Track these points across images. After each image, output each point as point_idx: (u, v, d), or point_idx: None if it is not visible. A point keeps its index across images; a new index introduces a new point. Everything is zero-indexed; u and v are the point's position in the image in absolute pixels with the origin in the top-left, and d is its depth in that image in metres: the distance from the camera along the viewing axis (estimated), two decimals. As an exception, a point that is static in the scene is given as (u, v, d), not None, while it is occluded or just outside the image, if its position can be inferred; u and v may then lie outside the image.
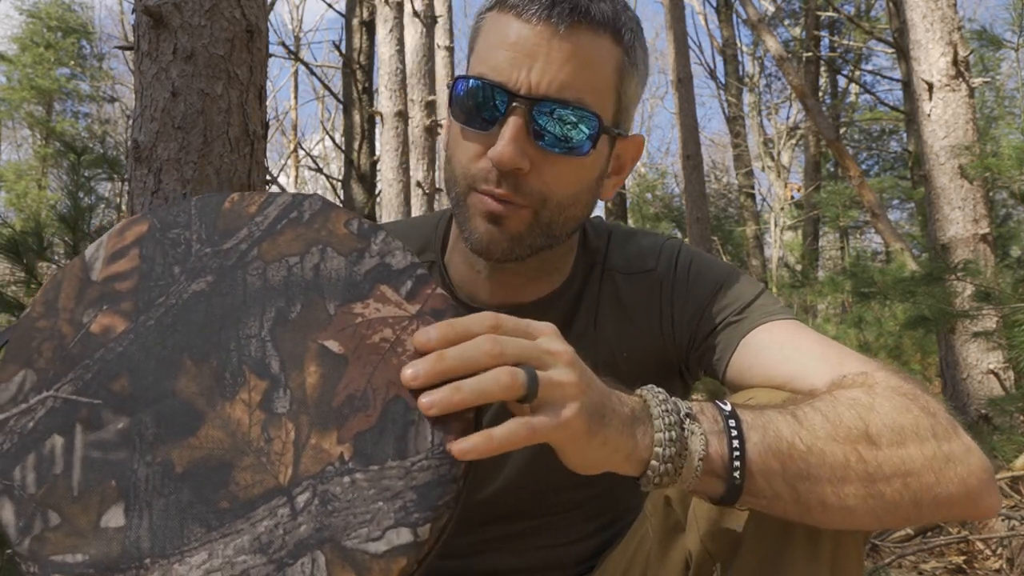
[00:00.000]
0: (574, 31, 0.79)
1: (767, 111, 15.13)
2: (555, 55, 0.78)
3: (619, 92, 0.84)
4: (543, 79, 0.78)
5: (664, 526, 0.84)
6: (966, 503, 0.70)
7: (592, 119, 0.80)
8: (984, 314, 3.57)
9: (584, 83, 0.80)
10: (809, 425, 0.66)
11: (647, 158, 22.49)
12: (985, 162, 3.76)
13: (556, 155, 0.81)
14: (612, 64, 0.82)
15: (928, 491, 0.67)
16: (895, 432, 0.68)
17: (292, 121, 17.70)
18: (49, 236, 2.98)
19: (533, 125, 0.79)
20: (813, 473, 0.65)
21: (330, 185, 12.53)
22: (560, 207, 0.83)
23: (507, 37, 0.80)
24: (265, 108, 2.12)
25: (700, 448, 0.63)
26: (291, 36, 17.40)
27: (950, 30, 4.07)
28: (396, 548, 0.53)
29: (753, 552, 0.73)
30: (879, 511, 0.67)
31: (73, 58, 18.10)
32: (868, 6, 13.18)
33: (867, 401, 0.70)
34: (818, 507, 0.66)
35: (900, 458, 0.67)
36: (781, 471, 0.64)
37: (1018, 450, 3.01)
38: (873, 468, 0.66)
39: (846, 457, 0.66)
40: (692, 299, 0.92)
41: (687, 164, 7.52)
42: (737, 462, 0.63)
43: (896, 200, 12.52)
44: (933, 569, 2.44)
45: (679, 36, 7.53)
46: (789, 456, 0.65)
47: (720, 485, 0.64)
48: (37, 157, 17.41)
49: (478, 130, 0.82)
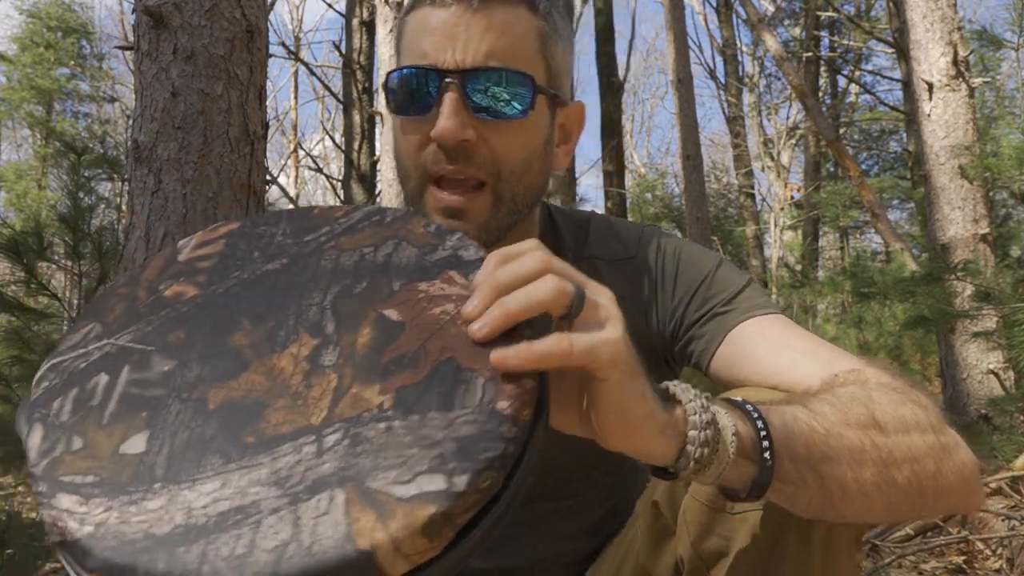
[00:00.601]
0: (488, 5, 0.82)
1: (767, 111, 15.14)
2: (475, 29, 0.81)
3: (546, 57, 0.86)
4: (467, 53, 0.81)
5: (653, 531, 0.84)
6: (962, 494, 0.71)
7: (524, 79, 0.83)
8: (984, 314, 3.57)
9: (507, 49, 0.82)
10: (821, 412, 0.66)
11: (647, 158, 22.50)
12: (985, 162, 3.76)
13: (498, 122, 0.82)
14: (532, 31, 0.84)
15: (932, 480, 0.68)
16: (898, 421, 0.68)
17: (292, 121, 17.70)
18: (49, 236, 2.98)
19: (469, 98, 0.81)
20: (834, 456, 0.64)
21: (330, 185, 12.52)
22: (515, 176, 0.84)
23: (427, 26, 0.83)
24: (265, 108, 2.12)
25: (731, 425, 0.59)
26: (291, 36, 17.39)
27: (950, 30, 4.07)
28: (425, 494, 0.48)
29: (744, 557, 0.72)
30: (892, 498, 0.67)
31: (73, 58, 18.10)
32: (868, 6, 13.19)
33: (865, 394, 0.70)
34: (839, 493, 0.64)
35: (907, 445, 0.67)
36: (806, 454, 0.63)
37: (1018, 450, 3.01)
38: (885, 453, 0.66)
39: (861, 441, 0.65)
40: (679, 288, 0.92)
41: (687, 164, 7.52)
42: (766, 442, 0.61)
43: (896, 200, 12.53)
44: (933, 569, 2.44)
45: (679, 36, 7.53)
46: (811, 439, 0.63)
47: (752, 469, 0.61)
48: (37, 157, 17.41)
49: (417, 117, 0.83)
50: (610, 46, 9.83)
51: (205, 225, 1.94)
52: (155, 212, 1.91)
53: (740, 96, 14.43)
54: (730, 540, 0.73)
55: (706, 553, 0.76)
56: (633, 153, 21.12)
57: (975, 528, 2.56)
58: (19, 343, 2.82)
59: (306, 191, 20.58)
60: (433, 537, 0.47)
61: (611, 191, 9.60)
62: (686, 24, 7.95)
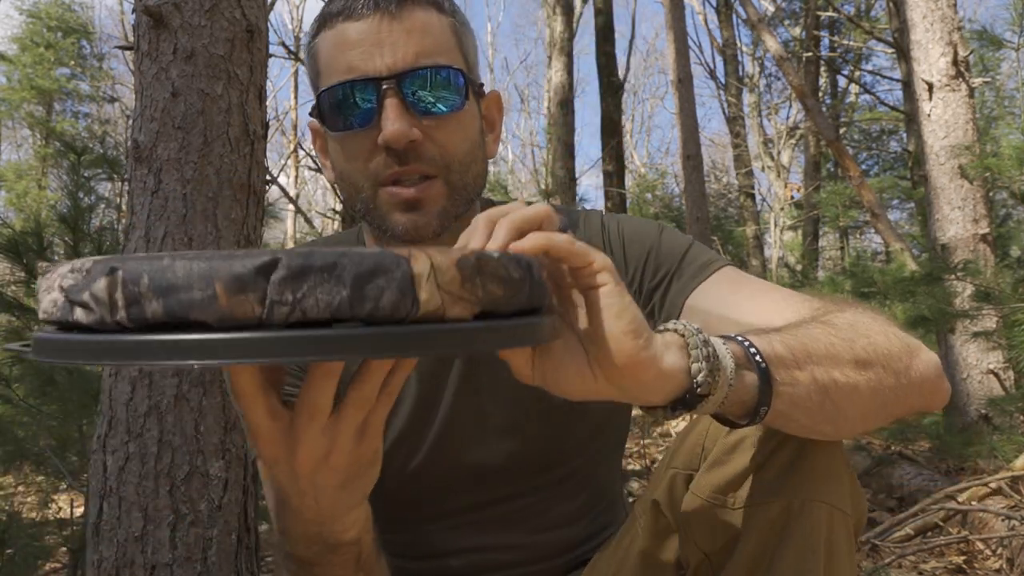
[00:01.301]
0: (404, 9, 0.84)
1: (767, 111, 15.13)
2: (397, 34, 0.83)
3: (463, 51, 0.89)
4: (396, 57, 0.83)
5: (654, 529, 0.84)
6: (932, 387, 0.75)
7: (455, 73, 0.85)
8: (984, 314, 3.57)
9: (432, 47, 0.84)
10: (796, 330, 0.69)
11: (647, 158, 22.50)
12: (985, 162, 3.76)
13: (439, 117, 0.85)
14: (447, 28, 0.87)
15: (906, 373, 0.72)
16: (868, 327, 0.73)
17: (292, 121, 17.68)
18: (49, 236, 2.98)
19: (407, 100, 0.83)
20: (821, 355, 0.66)
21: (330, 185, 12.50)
22: (463, 167, 0.87)
23: (347, 40, 0.84)
24: (265, 108, 2.12)
25: (721, 340, 0.62)
26: (291, 36, 17.38)
27: (950, 30, 4.07)
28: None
29: (748, 552, 0.73)
30: (878, 393, 0.70)
31: (73, 58, 18.09)
32: (868, 6, 13.17)
33: (834, 307, 0.76)
34: (834, 388, 0.66)
35: (883, 344, 0.71)
36: (793, 359, 0.65)
37: (1018, 450, 3.01)
38: (866, 350, 0.69)
39: (841, 342, 0.69)
40: (629, 261, 0.94)
41: (687, 164, 7.52)
42: (755, 352, 0.63)
43: (896, 200, 12.51)
44: (933, 569, 2.44)
45: (679, 36, 7.53)
46: (792, 345, 0.66)
47: (752, 377, 0.62)
48: (37, 157, 17.40)
49: (358, 130, 0.85)
50: (610, 46, 9.83)
51: (205, 225, 1.94)
52: (155, 212, 1.91)
53: (740, 96, 14.42)
54: (733, 536, 0.74)
55: (710, 549, 0.77)
56: (633, 153, 21.12)
57: (975, 528, 2.56)
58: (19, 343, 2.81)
59: (306, 191, 20.57)
60: (465, 275, 0.49)
61: (611, 191, 9.60)
62: (686, 24, 7.95)
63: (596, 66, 9.81)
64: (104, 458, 1.84)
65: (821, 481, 0.72)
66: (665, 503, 0.82)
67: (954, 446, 3.51)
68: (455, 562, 0.96)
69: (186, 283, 0.44)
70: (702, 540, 0.77)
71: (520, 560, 0.96)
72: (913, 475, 3.33)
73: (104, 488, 1.83)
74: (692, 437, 0.81)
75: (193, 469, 1.83)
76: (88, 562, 1.84)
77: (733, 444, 0.75)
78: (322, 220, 15.26)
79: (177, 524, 1.80)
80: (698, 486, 0.77)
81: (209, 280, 0.44)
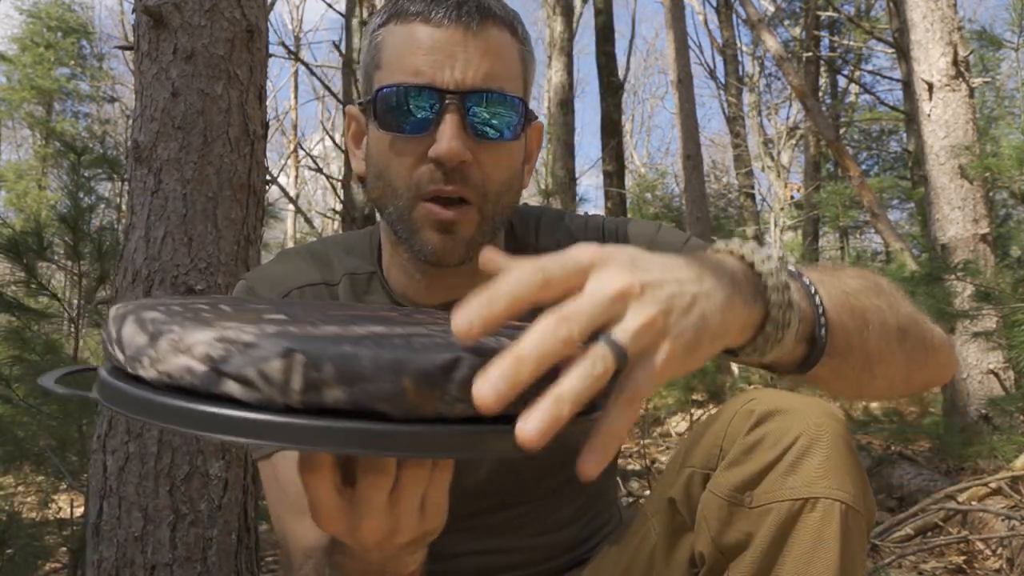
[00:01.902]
0: (484, 27, 0.83)
1: (767, 111, 15.13)
2: (472, 51, 0.82)
3: (525, 81, 0.89)
4: (467, 74, 0.82)
5: (669, 528, 0.85)
6: (946, 356, 0.80)
7: (518, 104, 0.85)
8: (984, 314, 3.57)
9: (502, 73, 0.84)
10: (845, 281, 0.71)
11: (647, 158, 22.49)
12: (985, 162, 3.76)
13: (492, 143, 0.84)
14: (517, 54, 0.87)
15: (930, 339, 0.76)
16: (892, 290, 0.76)
17: (292, 121, 17.70)
18: (49, 236, 2.98)
19: (468, 118, 0.82)
20: (868, 325, 0.69)
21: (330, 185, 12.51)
22: (498, 196, 0.86)
23: (420, 43, 0.83)
24: (265, 108, 2.12)
25: (800, 309, 0.62)
26: (291, 36, 17.39)
27: (950, 30, 4.07)
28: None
29: (764, 550, 0.73)
30: (910, 365, 0.74)
31: (73, 58, 18.10)
32: (868, 6, 13.18)
33: (856, 272, 0.76)
34: (877, 356, 0.70)
35: (907, 311, 0.75)
36: (852, 322, 0.67)
37: (1018, 450, 3.01)
38: (903, 321, 0.73)
39: (880, 308, 0.71)
40: None
41: (687, 164, 7.52)
42: (823, 318, 0.64)
43: (896, 200, 12.51)
44: (933, 569, 2.44)
45: (679, 36, 7.53)
46: (850, 307, 0.68)
47: (804, 349, 0.65)
48: (37, 157, 17.40)
49: (411, 135, 0.83)
50: (610, 46, 9.83)
51: (205, 225, 1.94)
52: (155, 212, 1.91)
53: (740, 96, 14.42)
54: (749, 534, 0.74)
55: (725, 547, 0.77)
56: (633, 153, 21.12)
57: (975, 528, 2.56)
58: (19, 343, 2.82)
59: (306, 191, 20.57)
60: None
61: (611, 191, 9.60)
62: (686, 24, 7.95)
63: (596, 66, 9.81)
64: (104, 458, 1.84)
65: (837, 478, 0.72)
66: (681, 501, 0.82)
67: (954, 446, 3.51)
68: (459, 565, 0.97)
69: (374, 375, 0.44)
70: (719, 537, 0.77)
71: (523, 562, 0.97)
72: (913, 475, 3.33)
73: (104, 488, 1.83)
74: (709, 438, 0.81)
75: (193, 469, 1.83)
76: (88, 562, 1.84)
77: (752, 444, 0.75)
78: (322, 220, 15.25)
79: (177, 524, 1.80)
80: (716, 485, 0.77)
81: (398, 374, 0.45)
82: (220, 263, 1.92)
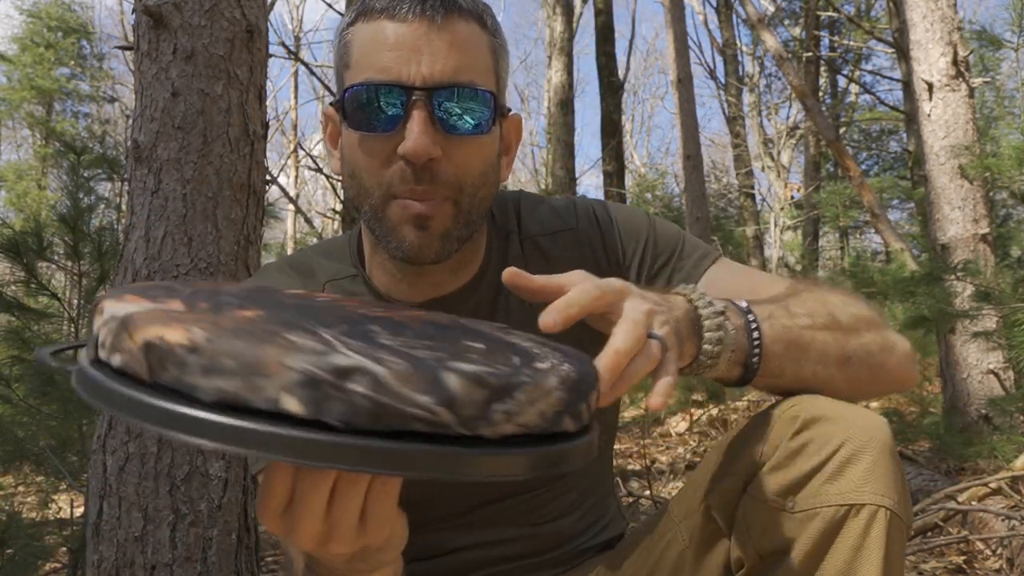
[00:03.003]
0: (449, 21, 0.82)
1: (767, 111, 15.12)
2: (438, 45, 0.81)
3: (497, 73, 0.88)
4: (434, 68, 0.81)
5: (702, 533, 0.84)
6: (903, 378, 0.88)
7: (488, 98, 0.84)
8: (984, 314, 3.57)
9: (470, 66, 0.83)
10: (797, 315, 0.81)
11: (647, 158, 22.49)
12: (985, 162, 3.76)
13: (462, 137, 0.83)
14: (486, 47, 0.86)
15: (880, 369, 0.84)
16: (853, 320, 0.84)
17: (292, 121, 17.69)
18: (49, 236, 2.98)
19: (436, 113, 0.81)
20: (806, 355, 0.79)
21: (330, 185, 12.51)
22: (474, 189, 0.85)
23: (385, 39, 0.82)
24: (265, 108, 2.12)
25: (732, 343, 0.75)
26: (291, 36, 17.38)
27: (950, 30, 4.07)
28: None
29: (804, 557, 0.73)
30: (850, 386, 0.83)
31: (73, 58, 18.10)
32: (868, 6, 13.17)
33: (823, 297, 0.86)
34: (810, 381, 0.80)
35: (862, 343, 0.83)
36: (785, 354, 0.78)
37: (1018, 450, 3.01)
38: (847, 351, 0.82)
39: (826, 342, 0.81)
40: (625, 249, 0.97)
41: (687, 164, 7.52)
42: (757, 350, 0.76)
43: (896, 200, 12.50)
44: (933, 569, 2.44)
45: (679, 36, 7.53)
46: (790, 341, 0.78)
47: (739, 371, 0.77)
48: (37, 157, 17.40)
49: (380, 134, 0.83)
50: (610, 46, 9.83)
51: (205, 225, 1.94)
52: (155, 212, 1.91)
53: (740, 96, 14.42)
54: (791, 539, 0.74)
55: (766, 552, 0.76)
56: (633, 153, 21.12)
57: (975, 528, 2.56)
58: (19, 343, 2.82)
59: (306, 191, 20.57)
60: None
61: (611, 191, 9.60)
62: (686, 24, 7.95)
63: (596, 66, 9.81)
64: (104, 458, 1.84)
65: (883, 485, 0.71)
66: (717, 507, 0.81)
67: (954, 446, 3.51)
68: (459, 558, 0.97)
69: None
70: (760, 543, 0.76)
71: (522, 552, 0.98)
72: (913, 475, 3.33)
73: (104, 488, 1.83)
74: (748, 443, 0.80)
75: (193, 469, 1.83)
76: (88, 562, 1.84)
77: (796, 449, 0.74)
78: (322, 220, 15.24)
79: (177, 524, 1.80)
80: (757, 489, 0.76)
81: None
82: (220, 263, 1.92)
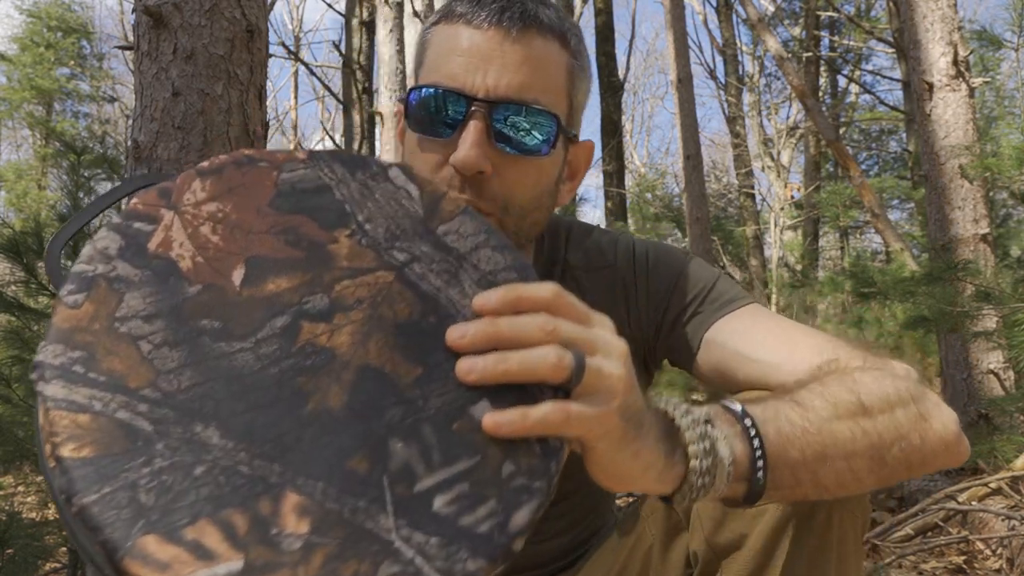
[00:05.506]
0: (526, 35, 0.80)
1: (767, 111, 15.12)
2: (509, 58, 0.79)
3: (570, 95, 0.85)
4: (500, 82, 0.79)
5: (665, 527, 0.85)
6: (947, 455, 0.74)
7: (550, 119, 0.81)
8: (984, 314, 3.57)
9: (539, 85, 0.81)
10: (812, 408, 0.67)
11: (647, 158, 22.49)
12: (985, 162, 3.76)
13: (517, 157, 0.81)
14: (563, 67, 0.84)
15: (918, 452, 0.71)
16: (883, 401, 0.70)
17: (292, 121, 17.71)
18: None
19: (493, 128, 0.80)
20: (828, 453, 0.66)
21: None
22: (523, 211, 0.83)
23: (459, 44, 0.80)
24: (265, 108, 2.12)
25: (728, 454, 0.61)
26: (291, 36, 17.40)
27: (950, 30, 4.07)
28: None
29: (758, 549, 0.74)
30: (882, 475, 0.70)
31: (73, 58, 18.09)
32: (868, 6, 13.17)
33: (850, 379, 0.72)
34: (835, 485, 0.67)
35: (893, 425, 0.70)
36: (801, 458, 0.65)
37: (1018, 450, 3.01)
38: (875, 439, 0.68)
39: (852, 432, 0.67)
40: (654, 290, 0.94)
41: (687, 164, 7.51)
42: (760, 461, 0.62)
43: (896, 200, 12.52)
44: (933, 569, 2.44)
45: (679, 36, 7.52)
46: (805, 442, 0.65)
47: (743, 487, 0.63)
48: (37, 157, 17.39)
49: (437, 138, 0.82)
50: (610, 46, 9.83)
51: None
52: (155, 212, 1.91)
53: (740, 96, 14.42)
54: (744, 534, 0.74)
55: (719, 546, 0.77)
56: (633, 153, 21.12)
57: (975, 528, 2.56)
58: (19, 343, 2.82)
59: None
60: None
61: (611, 191, 9.61)
62: (686, 24, 7.94)
63: (596, 66, 9.81)
64: (104, 458, 1.84)
65: None
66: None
67: (954, 446, 3.50)
68: None
69: None
70: (712, 537, 0.77)
71: (518, 568, 0.97)
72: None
73: (104, 488, 1.82)
74: None
75: (193, 469, 1.83)
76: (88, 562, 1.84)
77: None
78: (322, 220, 15.20)
79: (177, 524, 1.80)
80: None
81: None
82: (220, 263, 1.92)
